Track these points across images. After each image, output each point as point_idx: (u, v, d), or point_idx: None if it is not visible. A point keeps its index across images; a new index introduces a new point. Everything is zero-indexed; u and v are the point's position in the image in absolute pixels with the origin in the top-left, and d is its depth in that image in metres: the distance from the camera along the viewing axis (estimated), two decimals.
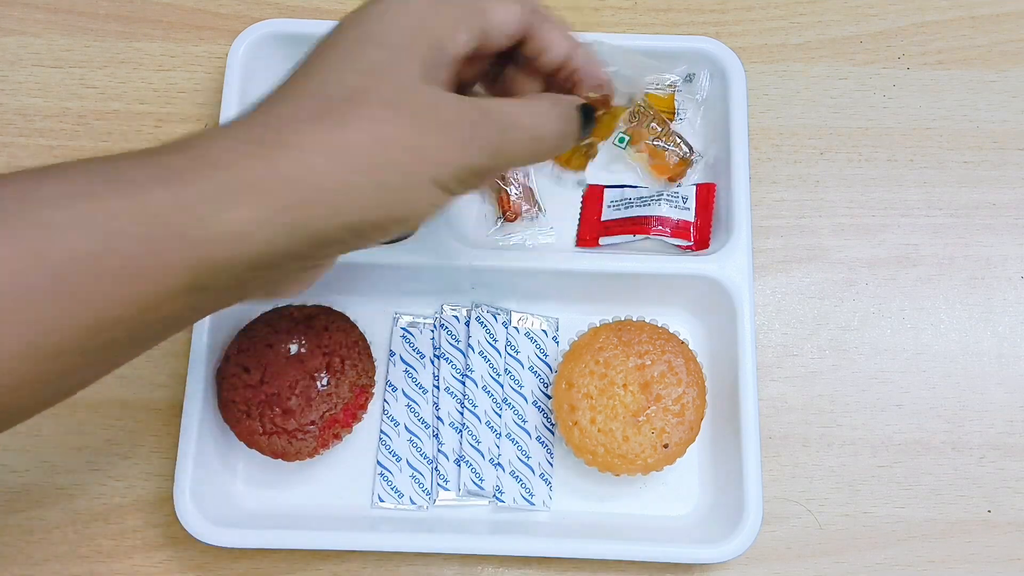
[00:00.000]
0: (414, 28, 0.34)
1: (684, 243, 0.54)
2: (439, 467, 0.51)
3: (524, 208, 0.56)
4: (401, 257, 0.51)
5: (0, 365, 0.28)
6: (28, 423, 0.32)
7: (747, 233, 0.52)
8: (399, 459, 0.51)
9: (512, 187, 0.55)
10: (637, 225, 0.55)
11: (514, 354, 0.53)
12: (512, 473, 0.51)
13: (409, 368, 0.53)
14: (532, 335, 0.54)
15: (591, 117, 0.39)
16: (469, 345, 0.53)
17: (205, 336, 0.50)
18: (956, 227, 0.57)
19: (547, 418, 0.52)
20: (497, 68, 0.41)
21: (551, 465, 0.52)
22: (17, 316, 0.28)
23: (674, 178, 0.56)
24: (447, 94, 0.34)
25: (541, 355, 0.54)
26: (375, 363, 0.51)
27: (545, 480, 0.51)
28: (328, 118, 0.31)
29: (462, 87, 0.39)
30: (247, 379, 0.49)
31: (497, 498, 0.50)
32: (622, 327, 0.51)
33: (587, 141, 0.41)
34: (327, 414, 0.48)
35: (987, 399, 0.54)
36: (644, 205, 0.55)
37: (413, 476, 0.51)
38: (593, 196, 0.57)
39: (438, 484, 0.51)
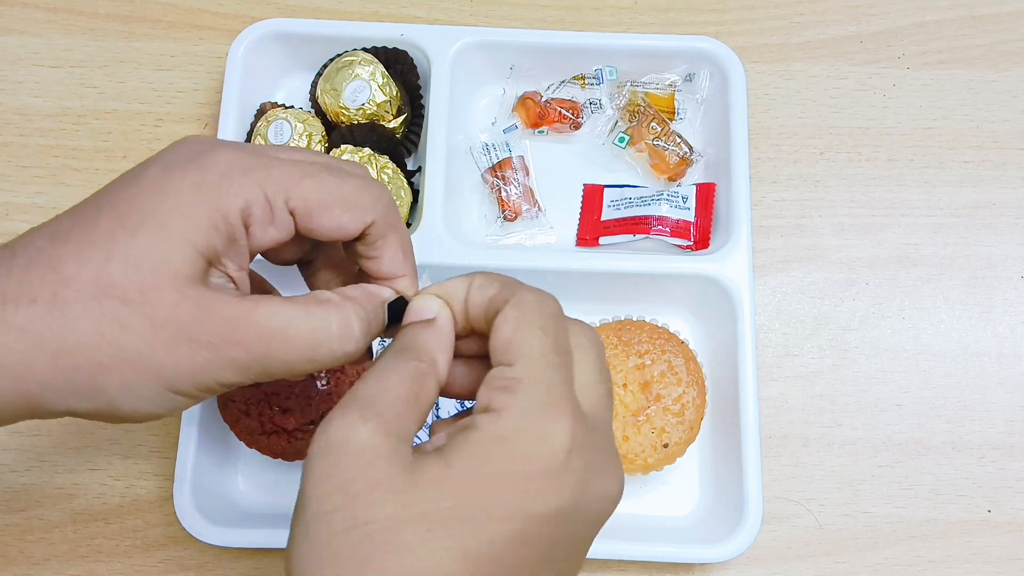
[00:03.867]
0: (200, 206, 0.31)
1: (684, 243, 0.54)
2: None
3: (524, 208, 0.56)
4: None
5: None
6: (28, 423, 0.32)
7: (747, 233, 0.52)
8: None
9: (512, 187, 0.55)
10: (637, 225, 0.55)
11: None
12: None
13: None
14: None
15: (399, 317, 0.35)
16: None
17: None
18: (956, 227, 0.57)
19: None
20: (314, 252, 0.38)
21: None
22: None
23: (674, 178, 0.56)
24: (208, 297, 0.31)
25: None
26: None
27: None
28: (54, 301, 0.29)
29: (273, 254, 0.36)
30: None
31: None
32: (622, 327, 0.51)
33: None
34: (327, 413, 0.48)
35: (987, 399, 0.54)
36: (644, 205, 0.55)
37: None
38: (593, 196, 0.57)
39: None
